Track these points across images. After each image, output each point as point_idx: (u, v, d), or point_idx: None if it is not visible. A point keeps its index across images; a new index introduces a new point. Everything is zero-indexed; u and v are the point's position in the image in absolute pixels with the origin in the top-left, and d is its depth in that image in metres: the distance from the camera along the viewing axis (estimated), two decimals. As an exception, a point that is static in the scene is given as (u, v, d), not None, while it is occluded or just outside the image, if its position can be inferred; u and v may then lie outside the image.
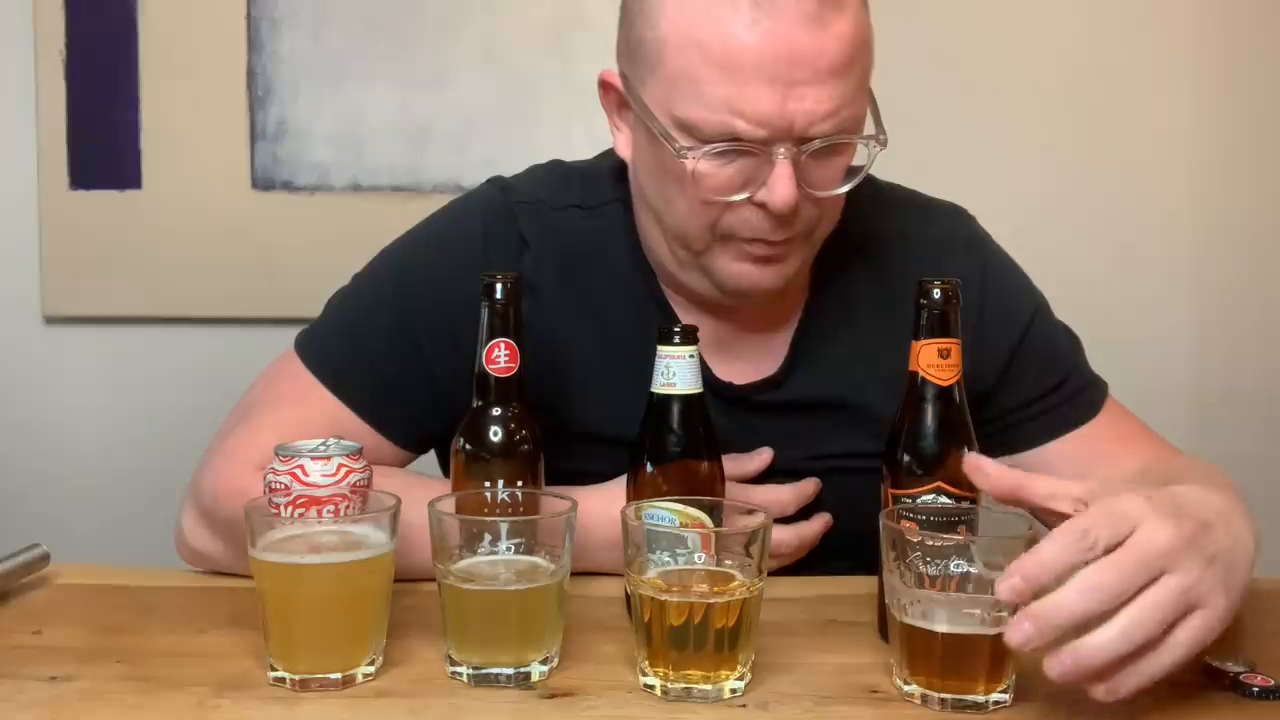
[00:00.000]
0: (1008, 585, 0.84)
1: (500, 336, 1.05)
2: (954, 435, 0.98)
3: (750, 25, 1.06)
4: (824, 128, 1.08)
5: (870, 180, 1.29)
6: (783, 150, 1.08)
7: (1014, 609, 0.85)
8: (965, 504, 0.97)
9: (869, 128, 1.14)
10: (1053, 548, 0.84)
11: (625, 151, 1.22)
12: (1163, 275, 2.07)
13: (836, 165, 1.13)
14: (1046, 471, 1.26)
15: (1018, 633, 0.84)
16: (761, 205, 1.10)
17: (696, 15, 1.07)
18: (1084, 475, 1.24)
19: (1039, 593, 0.84)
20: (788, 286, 1.22)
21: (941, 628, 0.89)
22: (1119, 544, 0.84)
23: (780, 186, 1.08)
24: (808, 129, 1.08)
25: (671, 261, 1.21)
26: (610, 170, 1.28)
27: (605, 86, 1.20)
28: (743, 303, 1.22)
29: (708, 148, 1.09)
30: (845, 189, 1.15)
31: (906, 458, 0.99)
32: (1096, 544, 0.84)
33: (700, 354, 1.05)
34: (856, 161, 1.15)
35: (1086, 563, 0.84)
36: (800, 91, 1.06)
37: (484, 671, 0.94)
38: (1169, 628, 0.84)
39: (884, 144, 1.14)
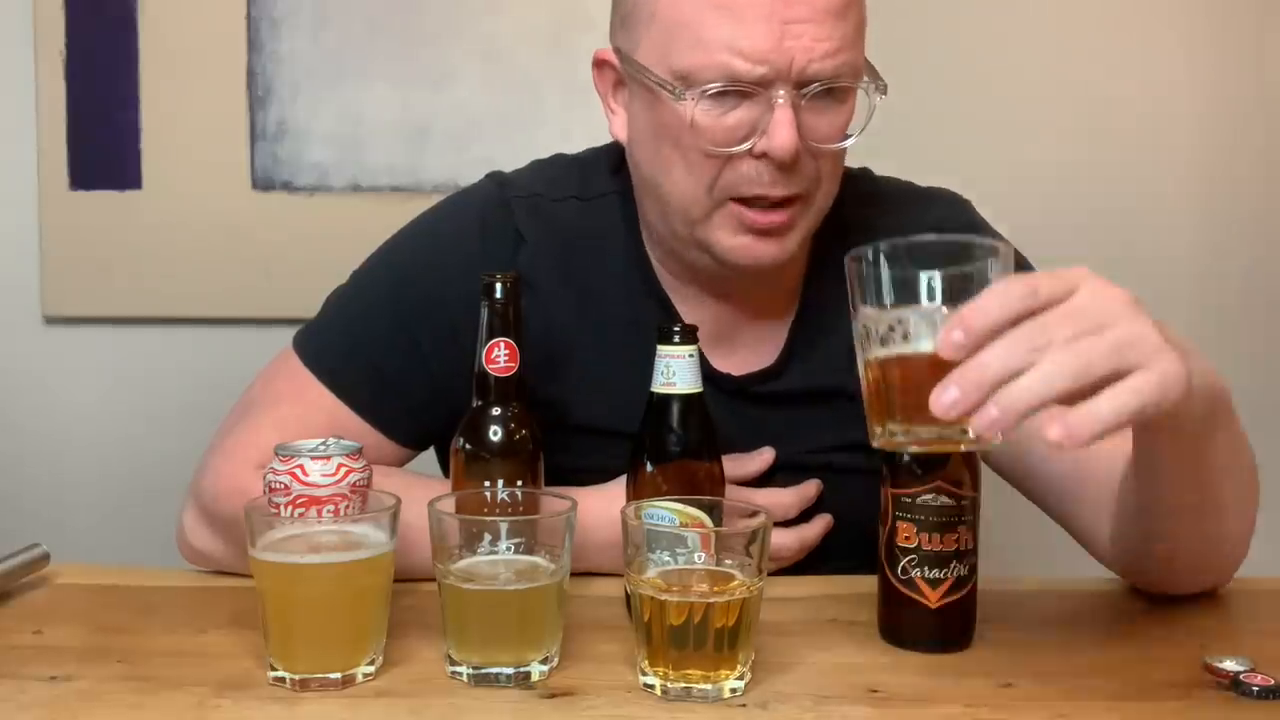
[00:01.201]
0: (948, 341, 0.78)
1: (500, 336, 1.05)
2: (954, 434, 0.98)
3: None
4: (823, 68, 1.08)
5: (867, 173, 1.30)
6: (782, 94, 1.08)
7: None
8: (965, 502, 0.97)
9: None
10: (995, 298, 0.78)
11: (621, 133, 1.21)
12: (1162, 276, 2.06)
13: (837, 117, 1.13)
14: (1042, 457, 1.25)
15: (944, 396, 0.78)
16: (762, 155, 1.10)
17: None
18: (1076, 458, 1.23)
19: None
20: (785, 275, 1.22)
21: (927, 347, 0.82)
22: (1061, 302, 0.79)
23: (780, 131, 1.08)
24: (806, 68, 1.08)
25: (673, 240, 1.20)
26: (608, 160, 1.28)
27: (600, 65, 1.21)
28: (745, 279, 1.21)
29: (706, 86, 1.08)
30: (848, 143, 1.14)
31: (906, 457, 0.99)
32: (1038, 294, 0.78)
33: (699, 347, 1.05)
34: (857, 123, 1.15)
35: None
36: (798, 29, 1.06)
37: (484, 671, 0.94)
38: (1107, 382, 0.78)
39: (884, 90, 1.13)
